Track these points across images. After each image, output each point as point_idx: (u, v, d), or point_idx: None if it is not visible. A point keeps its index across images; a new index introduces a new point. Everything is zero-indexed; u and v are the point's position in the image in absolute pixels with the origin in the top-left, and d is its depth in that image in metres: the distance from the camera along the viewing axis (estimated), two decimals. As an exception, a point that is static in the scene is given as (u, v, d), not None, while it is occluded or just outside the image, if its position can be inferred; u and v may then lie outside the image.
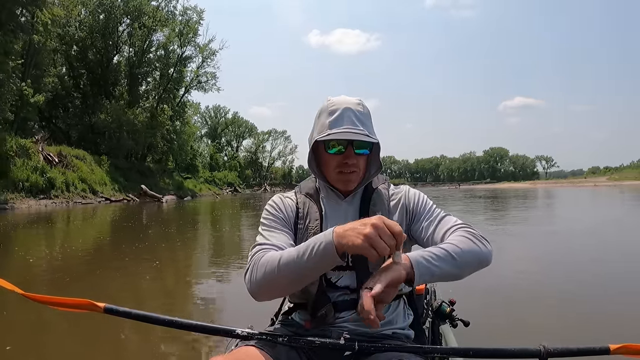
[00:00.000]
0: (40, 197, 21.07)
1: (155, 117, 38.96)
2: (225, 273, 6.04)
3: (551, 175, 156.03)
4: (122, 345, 3.09)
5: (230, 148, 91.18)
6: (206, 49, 44.03)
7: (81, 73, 39.03)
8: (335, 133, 1.22)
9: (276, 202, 1.34)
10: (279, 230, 1.26)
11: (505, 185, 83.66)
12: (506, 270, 5.47)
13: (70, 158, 26.05)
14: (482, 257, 1.14)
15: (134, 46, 40.32)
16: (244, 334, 1.03)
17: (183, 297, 4.97)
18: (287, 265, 1.07)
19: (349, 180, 1.27)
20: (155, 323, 1.02)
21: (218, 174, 65.14)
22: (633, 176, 71.21)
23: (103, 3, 37.90)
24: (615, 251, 7.29)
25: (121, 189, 29.65)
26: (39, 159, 22.58)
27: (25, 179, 20.64)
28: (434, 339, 1.60)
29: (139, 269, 6.23)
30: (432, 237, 1.23)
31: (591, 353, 0.92)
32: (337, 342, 0.98)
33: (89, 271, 6.11)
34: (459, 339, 1.69)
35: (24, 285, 4.19)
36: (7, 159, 20.33)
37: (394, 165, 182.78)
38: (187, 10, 42.09)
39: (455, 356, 1.10)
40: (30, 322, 3.57)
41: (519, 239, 9.18)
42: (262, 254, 1.15)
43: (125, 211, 19.73)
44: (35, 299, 1.03)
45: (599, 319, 3.63)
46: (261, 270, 1.11)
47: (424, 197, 1.34)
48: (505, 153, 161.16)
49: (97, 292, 4.79)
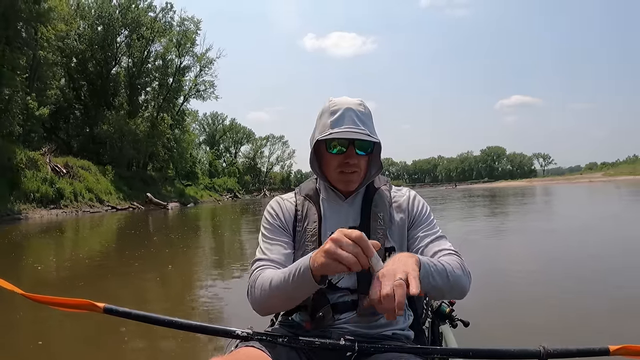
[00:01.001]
0: (51, 207, 21.78)
1: (155, 127, 39.65)
2: (239, 272, 6.28)
3: (549, 173, 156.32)
4: (121, 346, 3.05)
5: (228, 154, 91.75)
6: (204, 58, 44.81)
7: (81, 85, 39.69)
8: (336, 132, 1.22)
9: (274, 207, 1.35)
10: (277, 240, 1.28)
11: (502, 184, 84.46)
12: (506, 270, 5.56)
13: (77, 169, 26.73)
14: (464, 288, 1.18)
15: (133, 57, 40.93)
16: (244, 334, 1.04)
17: (194, 297, 5.07)
18: (278, 289, 1.11)
19: (350, 180, 1.27)
20: (155, 323, 1.02)
21: (217, 181, 65.54)
22: (627, 171, 72.18)
23: (102, 16, 38.63)
24: (605, 245, 7.53)
25: (126, 197, 30.30)
26: (47, 171, 23.28)
27: (35, 190, 21.36)
28: (433, 339, 1.58)
29: (155, 270, 6.75)
30: (424, 250, 1.25)
31: (591, 354, 0.92)
32: (337, 343, 0.98)
33: (111, 274, 6.54)
34: (458, 339, 1.68)
35: (45, 288, 4.71)
36: (17, 171, 21.03)
37: (392, 167, 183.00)
38: (184, 20, 42.89)
39: (455, 356, 1.11)
40: (30, 321, 3.60)
41: (517, 238, 9.28)
42: (258, 274, 1.20)
43: (134, 219, 20.39)
44: (35, 299, 1.02)
45: (599, 318, 3.61)
46: (257, 291, 1.16)
47: (427, 207, 1.35)
48: (503, 152, 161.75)
49: (113, 295, 5.06)
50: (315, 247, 1.20)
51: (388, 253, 1.25)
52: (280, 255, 1.25)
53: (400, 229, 1.30)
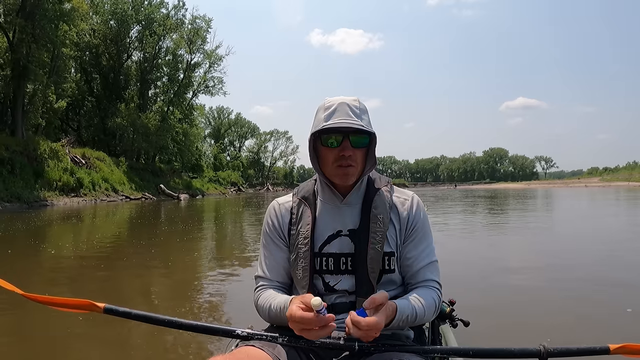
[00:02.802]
0: (71, 195, 23.46)
1: (166, 120, 41.09)
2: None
3: (550, 176, 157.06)
4: (121, 346, 3.05)
5: (232, 148, 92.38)
6: (213, 54, 45.99)
7: (94, 78, 41.00)
8: (330, 124, 1.21)
9: (270, 215, 1.37)
10: (273, 255, 1.33)
11: (501, 186, 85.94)
12: (506, 270, 5.69)
13: (93, 160, 28.39)
14: (427, 319, 1.25)
15: (145, 52, 42.15)
16: (244, 334, 1.06)
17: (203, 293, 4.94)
18: (275, 318, 1.23)
19: (346, 174, 1.25)
20: (154, 323, 1.03)
21: (222, 174, 65.53)
22: (624, 177, 73.05)
23: (116, 12, 39.79)
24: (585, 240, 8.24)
25: (137, 188, 31.90)
26: (67, 161, 24.90)
27: (57, 179, 23.05)
28: (433, 339, 1.60)
29: (180, 256, 7.25)
30: (413, 274, 1.29)
31: (591, 353, 0.93)
32: (337, 342, 0.99)
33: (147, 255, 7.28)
34: (459, 339, 1.69)
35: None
36: (41, 161, 22.65)
37: (395, 165, 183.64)
38: (196, 19, 44.08)
39: (455, 356, 1.12)
40: (29, 321, 3.56)
41: (515, 237, 9.53)
42: (259, 295, 1.30)
43: (149, 208, 21.70)
44: (35, 300, 1.03)
45: (599, 317, 3.63)
46: (260, 311, 1.29)
47: (427, 221, 1.34)
48: (505, 153, 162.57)
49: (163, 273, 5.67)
50: (307, 250, 1.26)
51: (387, 257, 1.25)
52: (277, 274, 1.31)
53: (399, 233, 1.29)
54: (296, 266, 1.27)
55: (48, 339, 3.20)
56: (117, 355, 2.93)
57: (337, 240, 1.28)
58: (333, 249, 1.27)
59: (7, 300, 3.86)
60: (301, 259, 1.26)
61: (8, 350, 2.99)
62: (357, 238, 1.26)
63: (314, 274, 1.27)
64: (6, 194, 18.85)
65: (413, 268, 1.28)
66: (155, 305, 4.29)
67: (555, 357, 0.91)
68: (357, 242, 1.25)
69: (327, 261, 1.26)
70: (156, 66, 43.31)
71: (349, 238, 1.27)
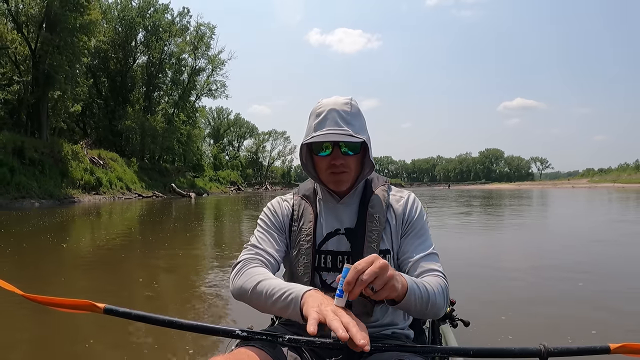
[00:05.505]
0: (92, 193, 25.76)
1: (171, 122, 43.21)
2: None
3: (546, 177, 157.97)
4: (121, 346, 3.07)
5: (231, 148, 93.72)
6: (216, 59, 48.07)
7: (103, 81, 42.76)
8: (318, 135, 1.23)
9: (273, 205, 1.38)
10: (271, 235, 1.31)
11: (493, 186, 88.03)
12: (505, 270, 5.78)
13: (107, 160, 30.63)
14: (438, 312, 1.17)
15: (151, 57, 44.11)
16: (244, 334, 1.02)
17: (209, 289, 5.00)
18: (258, 298, 1.12)
19: (339, 180, 1.27)
20: (154, 323, 1.01)
21: (222, 173, 66.66)
22: (611, 179, 75.11)
23: (123, 18, 41.74)
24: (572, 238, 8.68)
25: (147, 186, 34.14)
26: (86, 161, 27.16)
27: (80, 178, 25.41)
28: (433, 338, 1.58)
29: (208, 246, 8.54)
30: (413, 265, 1.24)
31: (591, 352, 0.92)
32: (338, 342, 0.94)
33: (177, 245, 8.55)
34: (459, 338, 1.68)
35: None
36: (65, 162, 24.91)
37: (391, 165, 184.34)
38: (200, 26, 46.24)
39: (455, 356, 1.11)
40: (30, 321, 3.62)
41: (512, 237, 9.73)
42: (247, 263, 1.23)
43: (163, 205, 23.47)
44: (34, 300, 1.02)
45: (599, 317, 3.65)
46: (240, 281, 1.18)
47: (424, 215, 1.34)
48: (501, 154, 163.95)
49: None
50: (309, 247, 1.27)
51: (383, 255, 1.26)
52: (272, 249, 1.28)
53: (395, 232, 1.30)
54: (297, 262, 1.29)
55: (48, 338, 3.23)
56: (117, 355, 2.92)
57: (334, 239, 1.29)
58: (331, 247, 1.29)
59: (7, 300, 3.90)
60: (303, 256, 1.28)
61: (8, 350, 3.02)
62: (354, 237, 1.27)
63: (314, 271, 1.28)
64: (40, 192, 21.14)
65: (412, 260, 1.25)
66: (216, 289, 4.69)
67: (556, 356, 0.90)
68: (354, 240, 1.27)
69: (325, 259, 1.28)
70: (161, 70, 45.11)
71: (346, 237, 1.29)
